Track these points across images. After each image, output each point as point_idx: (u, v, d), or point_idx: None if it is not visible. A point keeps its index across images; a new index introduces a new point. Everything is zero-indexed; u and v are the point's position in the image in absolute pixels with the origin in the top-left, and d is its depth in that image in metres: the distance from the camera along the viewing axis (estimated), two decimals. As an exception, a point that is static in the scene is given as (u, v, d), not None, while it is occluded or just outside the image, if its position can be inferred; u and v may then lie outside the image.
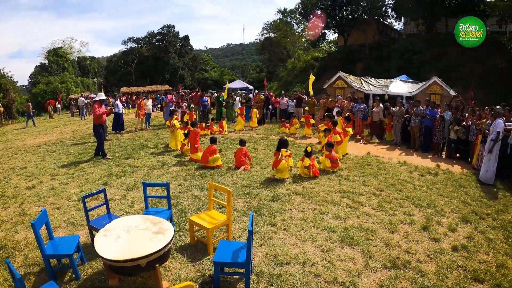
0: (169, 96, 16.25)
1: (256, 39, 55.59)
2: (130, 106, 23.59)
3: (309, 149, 6.95)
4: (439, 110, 10.70)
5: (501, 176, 7.71)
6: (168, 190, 4.20)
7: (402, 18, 35.81)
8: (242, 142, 7.75)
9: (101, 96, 9.14)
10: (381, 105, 13.12)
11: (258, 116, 14.32)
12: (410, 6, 29.81)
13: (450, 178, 7.63)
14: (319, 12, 38.46)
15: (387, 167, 8.09)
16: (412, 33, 35.15)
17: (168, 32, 55.04)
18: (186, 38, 57.03)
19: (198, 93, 16.21)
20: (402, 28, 40.37)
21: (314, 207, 5.18)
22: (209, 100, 17.50)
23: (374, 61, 32.91)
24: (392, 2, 33.68)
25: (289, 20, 48.46)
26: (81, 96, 24.80)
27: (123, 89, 36.13)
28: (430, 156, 10.22)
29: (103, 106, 8.96)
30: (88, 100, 23.33)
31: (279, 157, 6.57)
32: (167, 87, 39.59)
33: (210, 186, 4.01)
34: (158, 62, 51.70)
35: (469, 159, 9.78)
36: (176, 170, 7.53)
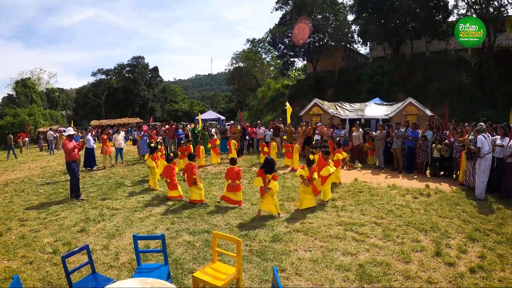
0: (144, 127, 15.87)
1: (225, 69, 56.97)
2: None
3: (311, 157, 7.00)
4: (420, 131, 10.95)
5: (490, 189, 7.94)
6: (164, 243, 3.75)
7: (368, 43, 37.61)
8: (233, 161, 7.42)
9: (70, 131, 8.59)
10: (360, 129, 13.41)
11: (236, 147, 14.11)
12: (376, 31, 31.55)
13: (443, 197, 7.80)
14: (287, 40, 39.92)
15: (379, 193, 8.12)
16: (379, 56, 37.15)
17: (138, 63, 55.99)
18: (156, 69, 59.53)
19: (173, 126, 15.93)
20: (369, 52, 42.46)
21: (320, 244, 4.95)
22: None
23: (344, 85, 34.42)
24: (358, 28, 35.52)
25: (258, 49, 50.07)
26: (50, 129, 23.94)
27: (93, 122, 35.33)
28: (415, 177, 10.46)
29: (73, 141, 8.48)
30: (57, 134, 22.45)
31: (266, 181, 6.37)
32: (138, 119, 39.20)
33: (215, 236, 3.66)
34: (128, 94, 51.98)
35: (454, 175, 10.00)
36: (160, 211, 7.04)
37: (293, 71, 49.42)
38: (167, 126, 18.33)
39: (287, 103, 17.92)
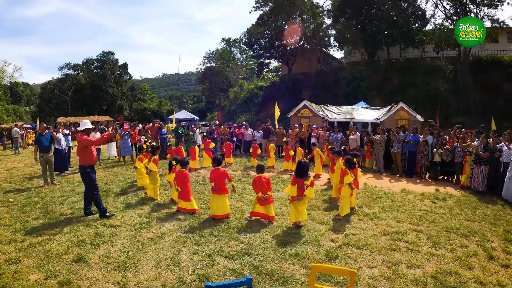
0: (126, 125, 15.03)
1: (197, 68, 56.60)
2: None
3: (355, 159, 6.94)
4: (421, 136, 11.39)
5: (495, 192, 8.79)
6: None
7: (344, 47, 38.82)
8: (261, 169, 6.63)
9: (86, 124, 6.92)
10: (358, 132, 13.72)
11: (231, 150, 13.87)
12: (352, 37, 32.52)
13: (459, 201, 8.29)
14: (263, 41, 40.19)
15: (398, 198, 8.38)
16: (353, 61, 38.34)
17: (107, 59, 54.52)
18: (125, 66, 58.50)
19: (156, 125, 15.19)
20: (343, 57, 43.79)
21: (379, 258, 4.85)
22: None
23: (321, 89, 35.30)
24: (334, 33, 36.45)
25: (232, 49, 50.09)
26: (15, 126, 22.13)
27: (60, 119, 33.30)
28: (418, 181, 10.96)
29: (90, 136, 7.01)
30: (23, 131, 20.85)
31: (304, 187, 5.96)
32: (108, 117, 37.62)
33: (316, 270, 3.11)
34: (96, 90, 50.85)
35: (454, 179, 10.62)
36: (172, 228, 6.06)
37: (266, 72, 49.78)
38: (149, 125, 17.53)
39: (276, 105, 17.91)
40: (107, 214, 6.63)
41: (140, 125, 20.96)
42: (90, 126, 6.93)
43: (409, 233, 5.88)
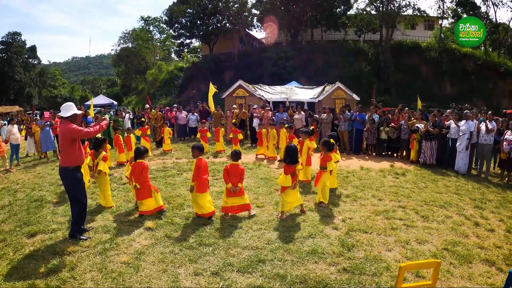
0: (46, 114, 12.77)
1: (112, 49, 52.59)
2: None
3: (332, 140, 6.60)
4: (367, 114, 11.84)
5: (444, 165, 9.85)
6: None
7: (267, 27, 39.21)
8: (237, 155, 5.80)
9: (70, 108, 4.93)
10: (302, 112, 13.78)
11: (170, 135, 12.73)
12: (276, 17, 32.89)
13: (418, 175, 9.06)
14: (184, 20, 38.42)
15: (363, 176, 8.73)
16: (275, 42, 38.81)
17: (13, 40, 48.19)
18: (33, 49, 52.28)
19: (81, 112, 13.33)
20: (265, 37, 44.16)
21: (389, 239, 4.80)
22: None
23: (244, 69, 35.30)
24: (258, 13, 36.39)
25: (151, 28, 47.04)
26: None
27: None
28: (366, 157, 11.41)
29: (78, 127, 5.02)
30: None
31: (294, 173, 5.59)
32: (17, 107, 32.48)
33: (404, 270, 2.74)
34: (1, 77, 46.06)
35: (398, 155, 11.52)
36: (147, 243, 4.68)
37: (186, 52, 48.01)
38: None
39: (211, 84, 17.03)
40: (82, 237, 4.87)
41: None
42: (77, 111, 4.97)
43: (396, 210, 6.07)
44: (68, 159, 4.81)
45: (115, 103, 32.51)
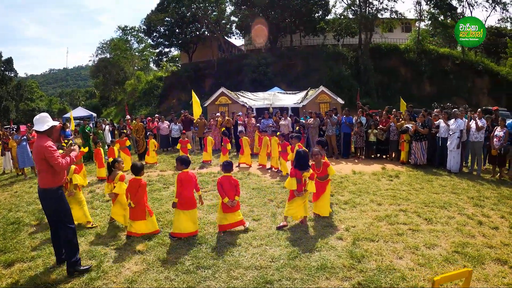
0: (23, 128, 12.13)
1: (90, 60, 51.80)
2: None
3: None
4: (354, 117, 11.79)
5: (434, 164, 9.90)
6: None
7: (246, 35, 39.37)
8: (228, 167, 5.39)
9: (47, 120, 4.26)
10: (288, 117, 13.61)
11: (156, 147, 12.28)
12: (256, 24, 33.14)
13: (411, 176, 9.02)
14: (162, 29, 38.18)
15: (357, 181, 8.62)
16: (254, 48, 39.04)
17: None
18: (10, 61, 51.25)
19: (60, 124, 12.75)
20: (244, 44, 44.32)
21: (398, 246, 4.62)
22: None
23: (224, 76, 35.27)
24: (237, 20, 36.51)
25: (129, 38, 46.49)
26: None
27: None
28: (356, 161, 11.28)
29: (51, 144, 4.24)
30: None
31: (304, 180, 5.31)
32: None
33: (438, 283, 2.49)
34: None
35: (387, 156, 11.53)
36: (138, 269, 4.23)
37: (165, 61, 47.69)
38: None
39: (193, 93, 16.68)
40: (82, 267, 4.26)
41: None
42: (53, 122, 4.30)
43: (398, 214, 5.94)
44: (47, 180, 4.15)
45: (94, 115, 31.82)
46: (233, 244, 4.82)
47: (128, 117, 16.06)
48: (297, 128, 12.40)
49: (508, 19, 33.60)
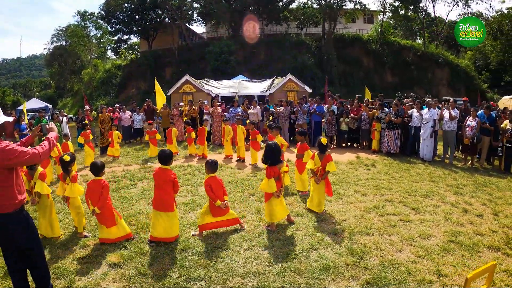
0: None
1: (45, 49, 48.72)
2: None
3: (324, 140, 5.69)
4: (325, 106, 11.69)
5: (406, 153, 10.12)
6: None
7: (208, 22, 38.46)
8: (214, 166, 4.77)
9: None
10: (257, 106, 13.25)
11: (119, 139, 11.37)
12: (217, 12, 32.34)
13: (388, 165, 9.10)
14: (121, 16, 36.26)
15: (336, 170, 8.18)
16: (217, 36, 38.11)
17: None
18: None
19: (14, 118, 11.54)
20: (206, 31, 43.24)
21: (394, 239, 4.49)
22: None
23: (185, 64, 34.34)
24: (199, 6, 35.43)
25: (87, 24, 43.69)
26: None
27: None
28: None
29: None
30: None
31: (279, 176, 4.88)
32: None
33: (471, 280, 2.37)
34: None
35: (358, 145, 11.70)
36: (115, 286, 3.57)
37: (125, 49, 45.56)
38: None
39: (156, 81, 15.79)
40: None
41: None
42: (6, 117, 3.19)
43: (385, 205, 5.89)
44: (6, 201, 2.92)
45: (50, 106, 29.79)
46: (221, 248, 4.32)
47: (87, 107, 14.81)
48: (270, 118, 12.08)
49: (469, 14, 35.10)
